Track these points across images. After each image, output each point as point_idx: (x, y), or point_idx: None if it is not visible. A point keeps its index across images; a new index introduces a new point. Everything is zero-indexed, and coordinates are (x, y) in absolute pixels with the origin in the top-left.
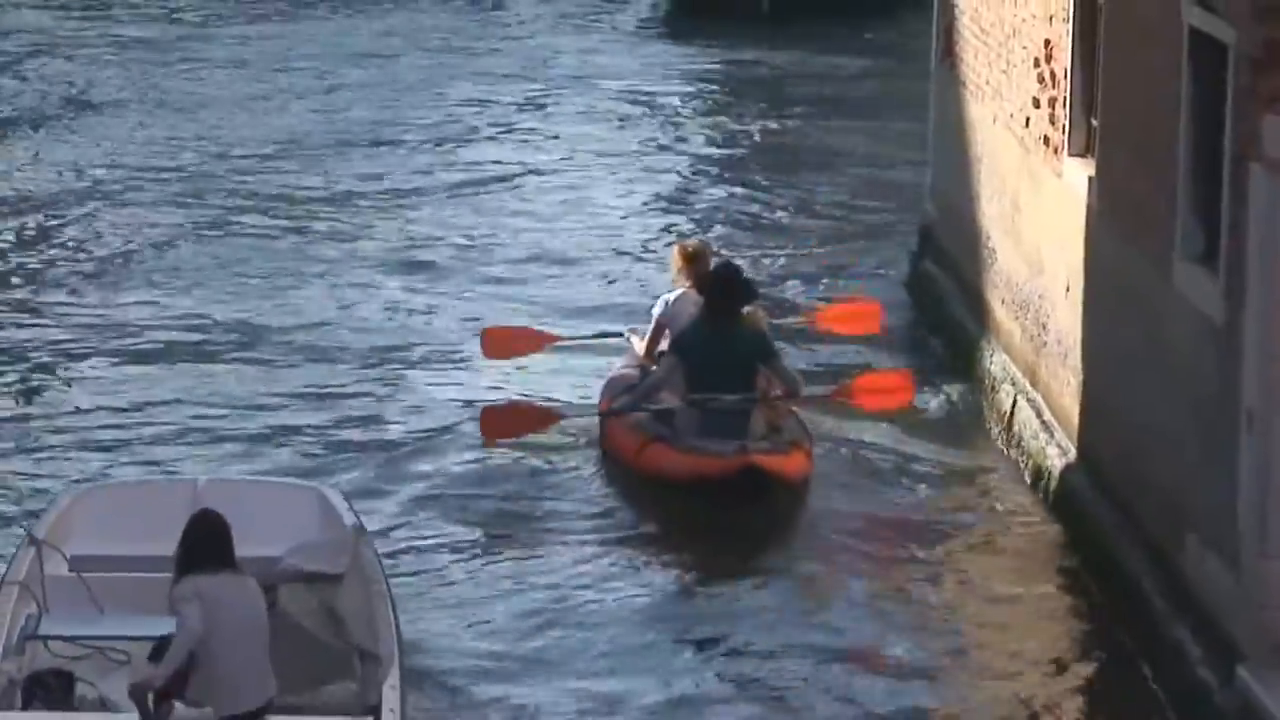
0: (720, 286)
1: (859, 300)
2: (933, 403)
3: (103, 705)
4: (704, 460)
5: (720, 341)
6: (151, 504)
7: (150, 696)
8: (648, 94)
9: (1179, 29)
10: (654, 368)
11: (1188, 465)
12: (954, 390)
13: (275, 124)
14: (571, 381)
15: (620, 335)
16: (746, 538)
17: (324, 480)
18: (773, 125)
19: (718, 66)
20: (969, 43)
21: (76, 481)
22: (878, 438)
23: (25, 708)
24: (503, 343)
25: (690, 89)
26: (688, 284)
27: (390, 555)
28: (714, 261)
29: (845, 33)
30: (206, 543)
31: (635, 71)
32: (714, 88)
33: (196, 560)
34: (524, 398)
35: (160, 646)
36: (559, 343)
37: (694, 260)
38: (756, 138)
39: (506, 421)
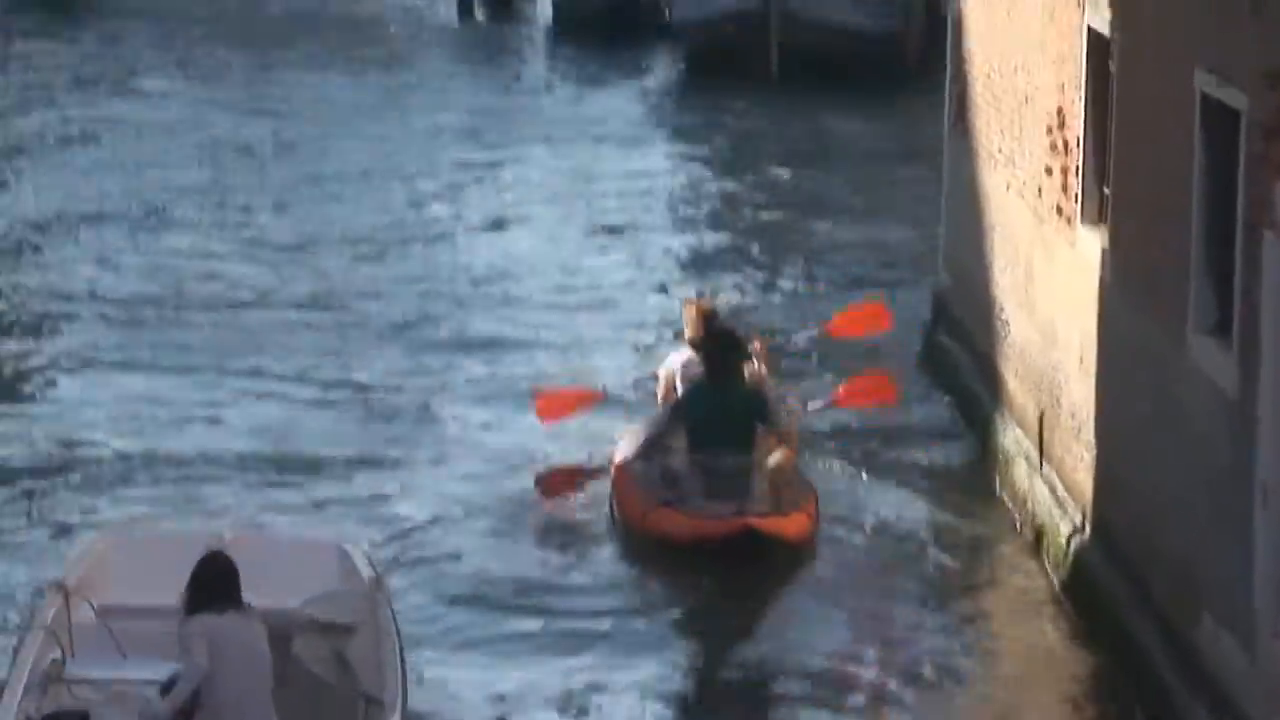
0: (716, 347)
1: (867, 304)
2: (945, 474)
3: None
4: (704, 523)
5: (720, 400)
6: (179, 555)
7: None
8: (661, 156)
9: (1191, 96)
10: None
11: (1202, 541)
12: (967, 463)
13: (297, 173)
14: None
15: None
16: (750, 607)
17: (346, 532)
18: (782, 190)
19: (729, 130)
20: (981, 110)
21: (106, 522)
22: (888, 507)
23: None
24: (555, 406)
25: (702, 152)
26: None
27: (406, 609)
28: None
29: (853, 98)
30: (214, 583)
31: (651, 134)
32: (725, 151)
33: (204, 600)
34: (552, 463)
35: (170, 682)
36: (603, 399)
37: (708, 318)
38: (766, 204)
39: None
